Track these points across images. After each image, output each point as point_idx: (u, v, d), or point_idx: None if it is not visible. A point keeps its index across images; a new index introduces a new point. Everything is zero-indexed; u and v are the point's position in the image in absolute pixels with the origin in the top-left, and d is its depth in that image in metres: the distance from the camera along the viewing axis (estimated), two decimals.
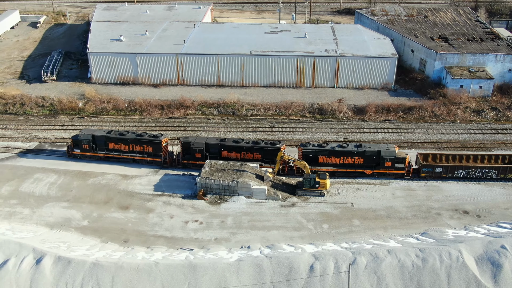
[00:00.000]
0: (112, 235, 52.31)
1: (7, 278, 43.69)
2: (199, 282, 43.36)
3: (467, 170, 60.98)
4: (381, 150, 61.24)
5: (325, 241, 51.15)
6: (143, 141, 64.35)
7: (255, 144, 62.97)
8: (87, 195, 59.08)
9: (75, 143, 66.25)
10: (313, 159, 61.78)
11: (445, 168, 61.01)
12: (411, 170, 61.94)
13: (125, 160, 65.95)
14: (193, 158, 63.94)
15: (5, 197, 58.52)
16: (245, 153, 63.08)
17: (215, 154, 63.44)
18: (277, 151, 61.52)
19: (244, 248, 49.78)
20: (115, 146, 65.31)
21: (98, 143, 65.67)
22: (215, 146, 63.23)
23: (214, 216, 55.45)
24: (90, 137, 65.25)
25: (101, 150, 65.95)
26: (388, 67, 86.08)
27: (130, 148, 65.09)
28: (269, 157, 62.42)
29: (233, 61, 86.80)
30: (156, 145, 64.17)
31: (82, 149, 65.93)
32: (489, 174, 61.03)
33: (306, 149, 61.79)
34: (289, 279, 43.35)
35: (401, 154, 61.73)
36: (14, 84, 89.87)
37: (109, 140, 65.19)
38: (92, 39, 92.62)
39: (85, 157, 66.49)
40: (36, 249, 45.98)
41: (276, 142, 63.20)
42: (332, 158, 61.80)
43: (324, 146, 62.04)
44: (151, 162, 65.19)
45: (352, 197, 58.73)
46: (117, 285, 43.21)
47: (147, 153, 64.92)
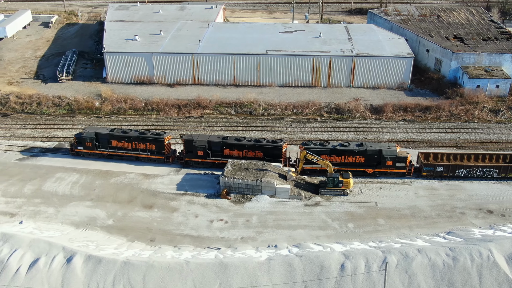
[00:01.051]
0: (138, 234, 52.34)
1: (38, 276, 43.73)
2: (231, 281, 43.37)
3: (468, 169, 61.10)
4: (382, 149, 61.35)
5: (351, 240, 51.13)
6: (146, 139, 64.61)
7: (257, 142, 63.20)
8: (110, 194, 59.11)
9: (78, 141, 66.57)
10: None
11: (446, 167, 61.14)
12: (412, 169, 62.08)
13: (128, 158, 66.18)
14: (196, 156, 64.22)
15: (29, 196, 58.57)
16: (247, 151, 63.31)
17: (217, 152, 63.73)
18: (278, 149, 61.99)
19: (271, 247, 49.78)
20: (118, 144, 65.64)
21: (101, 141, 66.00)
22: (217, 144, 63.52)
23: (238, 215, 55.47)
24: (93, 135, 65.57)
25: (104, 148, 66.25)
26: (404, 66, 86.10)
27: (133, 146, 65.37)
28: (270, 155, 62.70)
29: (249, 60, 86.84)
30: (159, 143, 64.46)
31: (85, 147, 66.23)
32: (490, 173, 61.18)
33: (308, 147, 61.97)
34: (320, 278, 43.34)
35: (402, 153, 61.88)
36: (30, 83, 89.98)
37: (112, 138, 65.52)
38: (107, 39, 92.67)
39: (88, 155, 66.76)
40: (66, 248, 46.02)
41: (277, 141, 63.44)
42: (334, 157, 61.84)
43: (326, 145, 62.18)
44: (154, 160, 65.48)
45: (375, 196, 58.72)
46: (149, 283, 43.23)
47: (150, 151, 65.20)
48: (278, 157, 62.66)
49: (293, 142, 70.72)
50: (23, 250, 45.73)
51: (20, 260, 44.90)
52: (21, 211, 55.83)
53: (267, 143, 62.91)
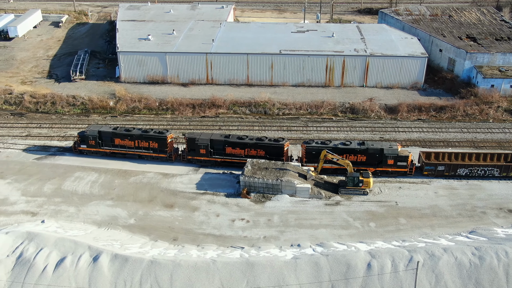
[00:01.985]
0: (160, 233, 52.37)
1: (65, 275, 43.80)
2: (258, 280, 43.42)
3: (470, 169, 61.28)
4: (384, 148, 61.55)
5: (374, 239, 51.15)
6: (149, 137, 64.94)
7: (259, 140, 63.49)
8: (130, 194, 59.16)
9: (81, 139, 66.87)
10: (316, 156, 62.15)
11: (448, 166, 61.29)
12: (413, 168, 62.25)
13: (130, 156, 66.46)
14: (198, 154, 64.51)
15: (49, 195, 58.63)
16: (249, 149, 63.60)
17: (220, 150, 64.11)
18: (280, 148, 62.34)
19: (294, 246, 49.81)
20: (121, 142, 65.95)
21: (104, 139, 66.32)
22: (219, 143, 63.82)
23: (260, 214, 55.50)
24: (97, 133, 65.90)
25: (107, 146, 66.57)
26: (418, 66, 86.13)
27: (136, 144, 65.68)
28: (272, 154, 62.99)
29: (263, 60, 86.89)
30: (162, 141, 64.78)
31: (88, 144, 66.57)
32: (492, 173, 61.36)
33: (309, 146, 62.27)
34: (347, 278, 43.38)
35: (403, 152, 62.07)
36: (43, 83, 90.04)
37: (115, 136, 65.83)
38: (120, 38, 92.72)
39: (91, 153, 67.11)
40: (92, 246, 46.08)
41: (279, 139, 63.75)
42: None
43: (327, 144, 62.43)
44: (157, 158, 65.77)
45: (395, 196, 58.75)
46: (176, 282, 43.28)
47: (153, 149, 65.50)
48: (280, 155, 63.05)
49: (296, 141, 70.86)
50: (49, 249, 45.78)
51: (46, 259, 44.97)
52: (42, 210, 55.88)
53: (269, 141, 63.31)
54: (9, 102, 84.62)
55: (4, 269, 44.39)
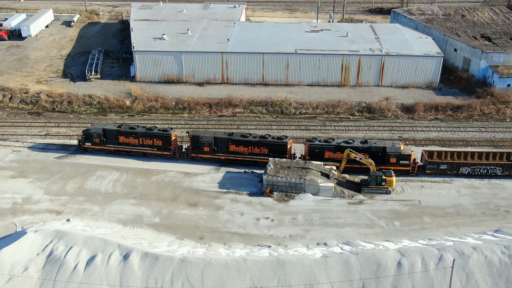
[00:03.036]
0: (186, 232, 52.46)
1: (96, 273, 43.93)
2: (289, 278, 43.53)
3: (472, 167, 61.45)
4: (386, 146, 61.74)
5: (400, 238, 51.20)
6: (153, 135, 65.29)
7: (262, 138, 63.86)
8: (153, 193, 59.25)
9: (85, 137, 67.11)
10: (319, 154, 62.64)
11: (450, 165, 61.46)
12: (416, 167, 62.41)
13: (135, 154, 66.86)
14: (202, 152, 64.91)
15: (72, 194, 58.75)
16: (252, 147, 63.94)
17: (223, 148, 64.48)
18: (283, 145, 62.80)
19: (321, 245, 49.88)
20: (125, 140, 66.29)
21: (108, 137, 66.60)
22: (223, 140, 64.18)
23: (284, 213, 55.59)
24: (101, 131, 66.15)
25: (111, 144, 66.89)
26: (433, 66, 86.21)
27: (140, 142, 66.02)
28: (276, 151, 63.37)
29: (278, 59, 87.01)
30: (166, 139, 65.15)
31: (93, 142, 66.88)
32: (494, 171, 61.52)
33: (312, 144, 62.61)
34: (378, 276, 43.47)
35: (406, 151, 62.22)
36: (59, 82, 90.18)
37: (119, 134, 66.15)
38: (135, 38, 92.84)
39: (96, 150, 67.41)
40: (121, 245, 46.24)
41: (283, 137, 64.06)
42: (338, 154, 62.43)
43: (330, 142, 62.79)
44: (161, 156, 66.15)
45: (417, 195, 58.82)
46: (207, 281, 43.40)
47: (157, 147, 65.89)
48: (283, 153, 63.46)
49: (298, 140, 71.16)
50: (78, 247, 45.95)
51: (77, 257, 45.14)
52: (67, 209, 55.99)
53: (273, 139, 63.70)
54: (25, 101, 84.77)
55: (35, 267, 44.56)
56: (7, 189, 59.45)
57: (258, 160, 64.45)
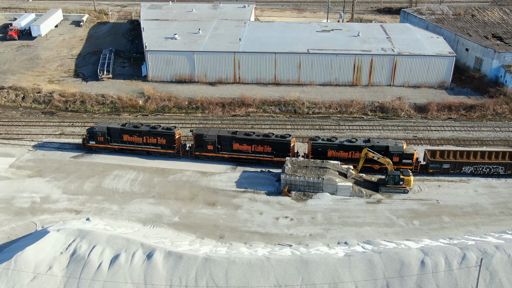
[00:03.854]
0: (206, 231, 52.55)
1: (120, 272, 44.02)
2: (313, 277, 43.61)
3: (475, 166, 61.66)
4: (389, 145, 61.94)
5: (419, 237, 51.26)
6: (157, 133, 65.67)
7: (266, 137, 64.12)
8: (171, 192, 59.35)
9: (90, 135, 67.43)
10: (322, 153, 62.93)
11: (453, 164, 61.67)
12: (418, 166, 62.61)
13: (139, 152, 67.16)
14: (206, 150, 65.29)
15: (90, 194, 58.84)
16: (255, 145, 64.22)
17: (227, 146, 64.78)
18: (287, 144, 63.14)
19: (341, 244, 49.96)
20: (129, 138, 66.64)
21: (113, 135, 66.97)
22: (227, 139, 64.51)
23: (302, 212, 55.67)
24: (105, 129, 66.51)
25: (115, 142, 67.23)
26: (445, 65, 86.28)
27: (144, 140, 66.41)
28: (279, 150, 63.73)
29: (291, 59, 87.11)
30: (170, 137, 65.50)
31: (97, 141, 67.20)
32: (497, 170, 61.76)
33: (316, 143, 62.98)
34: (402, 275, 43.53)
35: (409, 150, 62.34)
36: (71, 82, 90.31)
37: (123, 132, 66.51)
38: (147, 38, 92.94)
39: (100, 149, 67.71)
40: (145, 244, 46.32)
41: (286, 136, 64.36)
42: (341, 152, 62.85)
43: (333, 141, 63.11)
44: (165, 154, 66.48)
45: (435, 194, 58.88)
46: (231, 279, 43.47)
47: (161, 145, 66.24)
48: (287, 151, 63.81)
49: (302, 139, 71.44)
50: (102, 246, 46.03)
51: (100, 256, 45.21)
52: (86, 208, 56.10)
53: (276, 138, 63.97)
54: (38, 101, 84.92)
55: (59, 266, 44.64)
56: (25, 188, 59.57)
57: (261, 159, 64.82)
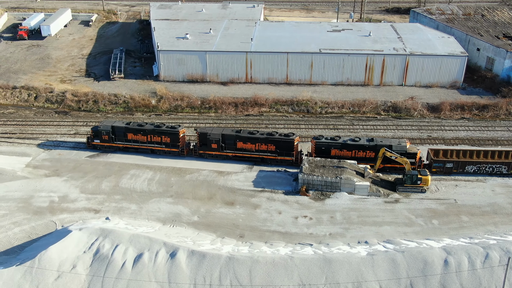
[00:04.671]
0: (226, 230, 52.63)
1: (144, 271, 44.11)
2: (336, 276, 43.68)
3: (478, 166, 61.87)
4: (393, 144, 62.18)
5: (439, 236, 51.32)
6: (161, 132, 66.00)
7: (270, 135, 64.33)
8: (189, 191, 59.43)
9: (94, 134, 67.71)
10: (326, 152, 63.16)
11: (456, 164, 61.84)
12: (421, 165, 62.80)
13: (143, 151, 67.48)
14: (210, 149, 65.61)
15: (108, 193, 58.93)
16: (259, 144, 64.47)
17: (231, 145, 65.06)
18: (290, 142, 63.40)
19: (362, 243, 50.02)
20: (134, 137, 66.98)
21: (117, 134, 67.33)
22: (231, 137, 64.78)
23: (321, 211, 55.75)
24: (110, 128, 66.88)
25: (120, 141, 67.56)
26: (457, 65, 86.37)
27: (149, 139, 66.72)
28: (283, 148, 63.97)
29: (303, 59, 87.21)
30: (174, 136, 65.80)
31: (101, 139, 67.58)
32: (500, 170, 61.95)
33: (319, 142, 63.32)
34: (425, 274, 43.59)
35: (412, 149, 62.47)
36: (83, 81, 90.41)
37: (128, 131, 66.83)
38: (158, 37, 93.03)
39: (105, 147, 68.08)
40: (167, 243, 46.40)
41: (290, 134, 64.59)
42: (344, 151, 63.07)
43: (337, 140, 63.35)
44: (169, 153, 66.87)
45: (453, 194, 58.96)
46: (255, 278, 43.56)
47: (165, 144, 66.56)
48: (290, 150, 64.06)
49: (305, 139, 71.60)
50: (124, 245, 46.11)
51: (124, 255, 45.30)
52: (104, 208, 56.18)
53: (280, 136, 64.19)
54: (50, 100, 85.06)
55: (82, 265, 44.73)
56: (43, 188, 59.67)
57: (265, 157, 65.08)
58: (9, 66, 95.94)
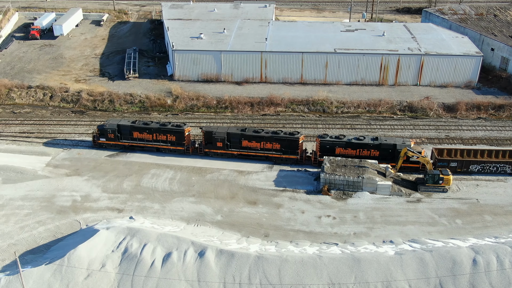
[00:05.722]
0: (250, 230, 52.71)
1: (174, 270, 44.24)
2: (365, 275, 43.78)
3: (482, 165, 62.06)
4: (397, 143, 62.52)
5: (464, 236, 51.38)
6: (167, 130, 66.39)
7: (275, 134, 64.64)
8: (211, 190, 59.52)
9: (100, 132, 68.05)
10: (330, 150, 63.56)
11: (460, 163, 62.00)
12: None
13: (149, 149, 67.77)
14: (215, 147, 65.91)
15: (130, 192, 59.04)
16: (264, 142, 64.80)
17: (236, 143, 65.38)
18: (295, 141, 63.78)
19: (387, 243, 50.08)
20: (139, 135, 67.35)
21: (123, 132, 67.64)
22: (236, 136, 65.10)
23: (344, 211, 55.83)
24: (116, 126, 67.25)
25: (126, 139, 67.93)
26: (472, 65, 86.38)
27: (154, 137, 67.05)
28: (287, 147, 64.32)
29: (318, 59, 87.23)
30: (179, 134, 66.15)
31: (107, 138, 67.89)
32: (504, 169, 62.10)
33: (324, 140, 63.68)
34: (454, 274, 43.67)
35: (416, 149, 62.59)
36: (97, 81, 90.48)
37: (133, 129, 67.19)
38: (172, 37, 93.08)
39: (110, 146, 68.44)
40: (195, 242, 46.53)
41: (295, 133, 64.96)
42: (349, 150, 63.38)
43: (341, 138, 63.68)
44: (174, 151, 67.20)
45: (474, 193, 59.02)
46: (285, 277, 43.67)
47: (170, 142, 66.89)
48: (295, 148, 64.44)
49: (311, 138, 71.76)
50: (152, 245, 46.27)
51: (152, 254, 45.47)
52: (127, 207, 56.28)
53: (285, 135, 64.54)
54: (66, 100, 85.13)
55: (111, 263, 44.86)
56: (65, 187, 59.80)
57: (270, 156, 65.30)
58: (22, 66, 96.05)
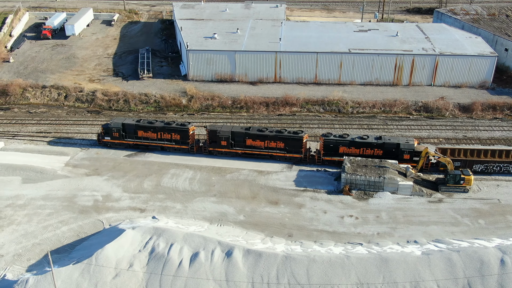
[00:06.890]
0: (274, 230, 52.69)
1: (202, 270, 44.22)
2: (394, 275, 43.76)
3: (485, 165, 62.18)
4: (400, 143, 62.70)
5: (488, 236, 51.33)
6: (171, 129, 66.67)
7: (279, 133, 64.86)
8: (232, 190, 59.52)
9: (105, 131, 68.32)
10: (334, 149, 63.83)
11: (463, 163, 62.02)
12: (429, 164, 63.06)
13: (153, 148, 68.12)
14: (219, 146, 66.24)
15: (151, 192, 59.05)
16: (269, 141, 65.08)
17: (240, 142, 65.69)
18: (299, 140, 64.05)
19: (411, 243, 50.04)
20: (144, 134, 67.63)
21: (128, 131, 67.92)
22: (240, 135, 65.35)
23: (366, 211, 55.81)
24: (120, 125, 67.47)
25: (130, 138, 68.22)
26: (487, 65, 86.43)
27: (159, 136, 67.37)
28: (291, 146, 64.61)
29: (332, 59, 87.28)
30: (184, 133, 66.43)
31: (112, 137, 68.20)
32: (507, 169, 62.17)
33: (328, 139, 63.93)
34: (482, 274, 43.64)
35: (419, 148, 62.81)
36: (111, 81, 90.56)
37: (138, 128, 67.45)
38: (186, 37, 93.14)
39: (115, 145, 68.72)
40: (222, 242, 46.52)
41: (299, 132, 65.17)
42: (352, 149, 63.61)
43: (345, 137, 63.86)
44: (179, 150, 67.47)
45: (495, 193, 59.00)
46: (313, 277, 43.65)
47: (175, 141, 67.13)
48: (299, 147, 64.64)
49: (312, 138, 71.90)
50: (179, 244, 46.25)
51: (180, 254, 45.43)
52: (149, 207, 56.28)
53: (289, 134, 64.76)
54: (80, 99, 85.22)
55: (139, 263, 44.86)
56: (85, 187, 59.82)
57: (274, 154, 65.48)
58: (36, 66, 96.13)
